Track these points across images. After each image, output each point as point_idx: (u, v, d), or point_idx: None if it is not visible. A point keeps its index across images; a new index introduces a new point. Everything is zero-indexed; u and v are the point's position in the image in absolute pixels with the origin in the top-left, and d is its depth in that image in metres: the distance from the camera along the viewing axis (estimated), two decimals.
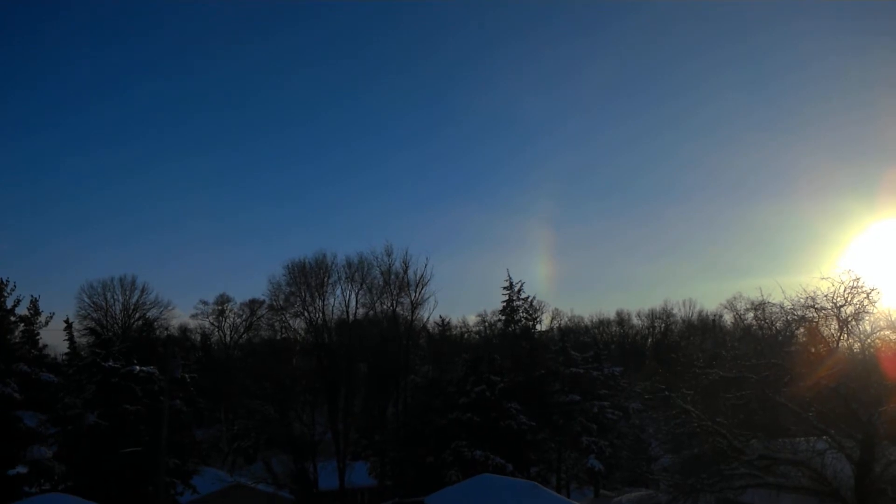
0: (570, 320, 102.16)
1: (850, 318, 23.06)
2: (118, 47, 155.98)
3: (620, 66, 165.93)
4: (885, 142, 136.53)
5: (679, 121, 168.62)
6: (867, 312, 23.07)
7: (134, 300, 76.48)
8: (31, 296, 34.73)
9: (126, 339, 54.98)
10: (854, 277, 22.73)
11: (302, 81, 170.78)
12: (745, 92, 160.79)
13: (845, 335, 23.56)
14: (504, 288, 49.74)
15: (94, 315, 72.77)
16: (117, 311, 75.23)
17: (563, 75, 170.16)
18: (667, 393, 25.51)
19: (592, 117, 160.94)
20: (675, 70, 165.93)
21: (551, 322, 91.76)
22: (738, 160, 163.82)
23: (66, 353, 42.72)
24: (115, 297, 75.30)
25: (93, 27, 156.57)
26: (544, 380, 46.59)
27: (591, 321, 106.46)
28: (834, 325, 23.62)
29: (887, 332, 23.75)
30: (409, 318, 58.46)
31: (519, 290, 49.57)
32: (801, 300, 23.72)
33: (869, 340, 23.55)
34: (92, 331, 59.12)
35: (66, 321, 41.46)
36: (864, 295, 22.63)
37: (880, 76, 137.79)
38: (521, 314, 50.05)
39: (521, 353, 48.21)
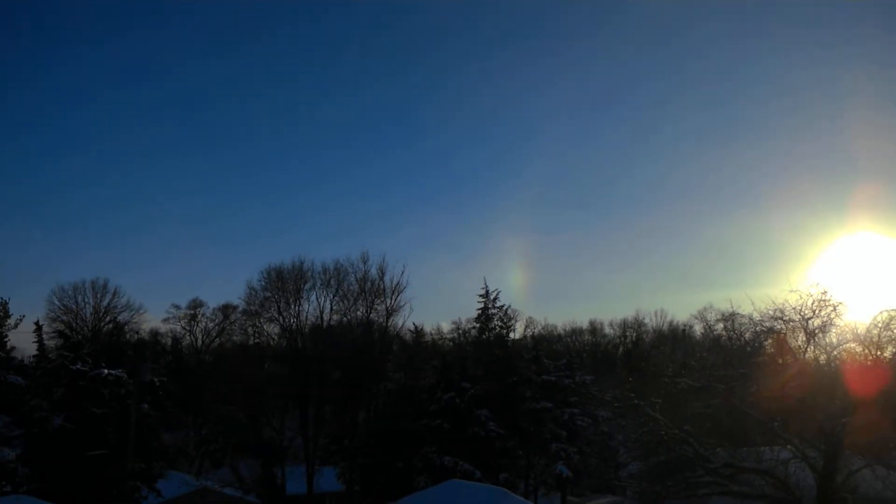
0: (543, 329, 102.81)
1: (817, 331, 23.52)
2: (87, 51, 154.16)
3: (593, 79, 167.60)
4: (854, 156, 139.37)
5: (651, 133, 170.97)
6: (834, 325, 23.56)
7: (105, 303, 75.65)
8: (1, 298, 34.21)
9: (96, 343, 54.33)
10: (822, 290, 23.22)
11: (278, 86, 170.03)
12: (715, 105, 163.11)
13: (812, 347, 24.02)
14: (480, 296, 49.85)
15: (65, 318, 71.86)
16: (88, 315, 74.36)
17: (538, 87, 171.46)
18: (636, 401, 25.73)
19: (566, 128, 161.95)
20: (647, 84, 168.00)
21: (525, 330, 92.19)
22: (709, 173, 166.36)
23: (34, 356, 42.02)
24: (87, 300, 74.46)
25: (62, 31, 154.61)
26: (516, 387, 46.71)
27: (564, 330, 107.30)
28: (801, 336, 24.07)
29: (853, 345, 24.25)
30: (383, 324, 58.39)
31: (494, 299, 49.71)
32: (770, 312, 24.17)
33: (835, 352, 24.03)
34: (61, 333, 58.29)
35: (36, 323, 40.84)
36: (832, 308, 23.11)
37: (851, 90, 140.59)
38: (495, 322, 50.15)
39: (494, 360, 48.27)
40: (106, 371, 33.81)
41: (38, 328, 40.93)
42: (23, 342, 43.98)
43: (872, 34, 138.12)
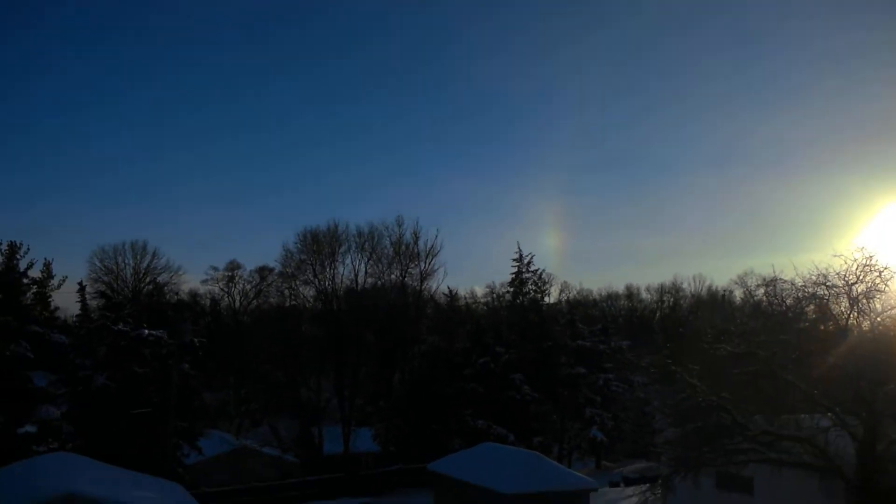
0: (578, 293, 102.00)
1: (860, 297, 22.87)
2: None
3: (629, 32, 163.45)
4: None
5: (692, 93, 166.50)
6: (879, 291, 22.86)
7: (145, 265, 76.97)
8: (45, 259, 34.95)
9: (136, 303, 55.46)
10: (867, 255, 22.49)
11: (315, 37, 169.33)
12: (758, 65, 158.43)
13: (855, 313, 23.39)
14: (514, 260, 49.73)
15: (106, 279, 73.28)
16: (128, 276, 75.75)
17: (571, 39, 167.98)
18: (673, 368, 25.42)
19: (600, 86, 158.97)
20: (688, 40, 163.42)
21: (559, 295, 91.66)
22: (752, 136, 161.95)
23: (77, 316, 43.02)
24: (127, 261, 75.78)
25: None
26: (551, 352, 46.70)
27: (600, 295, 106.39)
28: (844, 303, 23.44)
29: None
30: (417, 287, 58.64)
31: (528, 263, 49.52)
32: (813, 277, 23.52)
33: (879, 319, 23.37)
34: (102, 294, 59.64)
35: (80, 283, 41.74)
36: (877, 273, 22.41)
37: None
38: (529, 286, 50.05)
39: (528, 325, 48.24)
40: (147, 331, 34.44)
41: (82, 288, 41.85)
42: (65, 302, 45.13)
43: None
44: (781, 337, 23.60)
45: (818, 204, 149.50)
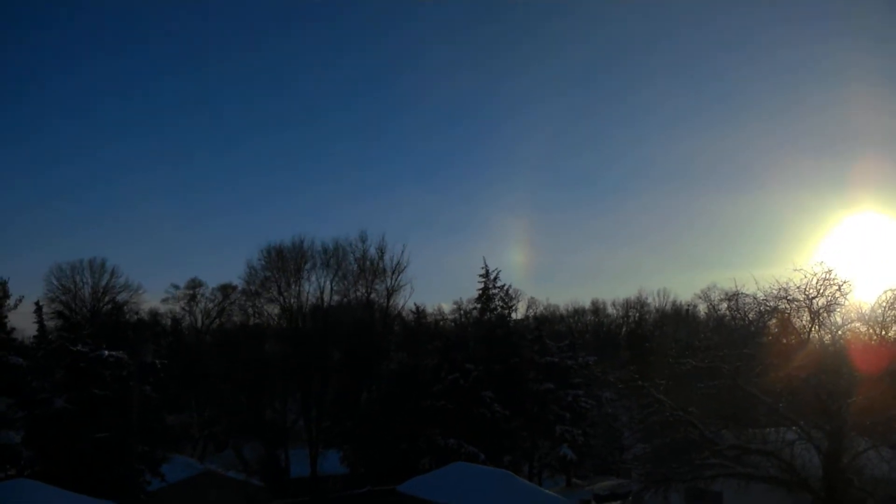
0: (545, 309, 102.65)
1: (821, 310, 23.28)
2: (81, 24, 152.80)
3: (594, 52, 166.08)
4: (856, 135, 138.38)
5: (649, 111, 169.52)
6: (838, 304, 23.30)
7: (103, 283, 75.30)
8: (0, 278, 34.05)
9: (95, 323, 54.17)
10: (826, 270, 22.94)
11: (270, 63, 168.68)
12: (716, 83, 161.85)
13: (817, 327, 23.78)
14: (480, 276, 49.66)
15: (63, 298, 71.49)
16: (86, 295, 73.98)
17: (532, 62, 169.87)
18: (640, 382, 25.57)
19: (563, 105, 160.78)
20: (644, 61, 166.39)
21: (527, 310, 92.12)
22: (708, 151, 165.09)
23: (35, 337, 41.89)
24: (85, 279, 74.04)
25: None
26: (519, 368, 46.65)
27: (567, 310, 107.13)
28: (806, 316, 23.82)
29: (858, 325, 24.04)
30: (384, 304, 58.33)
31: (495, 279, 49.52)
32: (774, 291, 23.91)
33: (840, 332, 23.81)
34: (60, 314, 58.16)
35: (37, 304, 40.69)
36: (836, 287, 22.84)
37: (852, 68, 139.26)
38: (496, 302, 50.01)
39: (496, 341, 48.17)
40: (107, 352, 33.62)
41: (38, 309, 40.82)
42: (22, 322, 43.80)
43: (871, 7, 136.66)
44: (745, 351, 23.91)
45: (776, 218, 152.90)
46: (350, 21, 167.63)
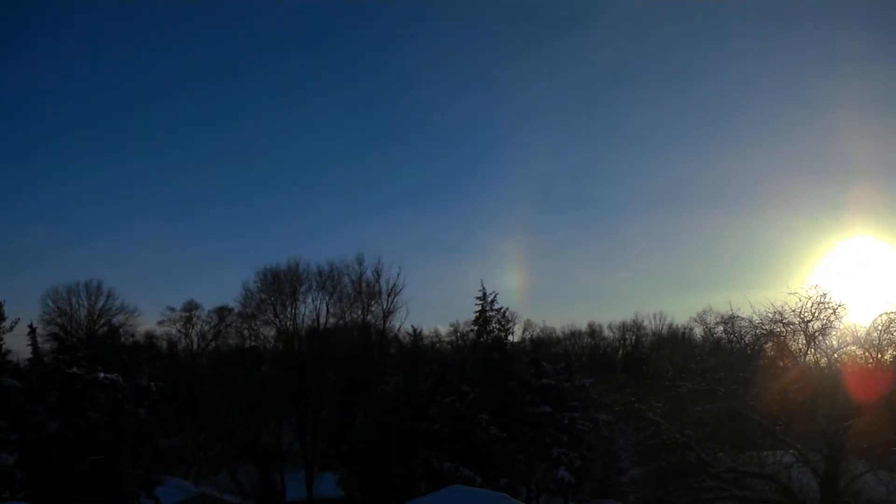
0: (541, 331, 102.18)
1: (816, 333, 23.39)
2: (70, 42, 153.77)
3: (585, 78, 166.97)
4: (850, 158, 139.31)
5: (646, 134, 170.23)
6: (834, 327, 23.43)
7: (99, 306, 75.12)
8: None
9: (91, 346, 53.97)
10: (821, 293, 23.09)
11: (269, 84, 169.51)
12: (710, 106, 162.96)
13: (812, 350, 23.90)
14: (477, 298, 49.63)
15: (59, 320, 71.21)
16: (82, 317, 73.73)
17: (531, 83, 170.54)
18: (636, 405, 25.59)
19: (560, 129, 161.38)
20: (639, 85, 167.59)
21: (523, 333, 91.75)
22: (704, 175, 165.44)
23: (29, 359, 41.75)
24: (81, 302, 73.83)
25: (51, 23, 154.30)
26: (516, 391, 46.53)
27: (563, 332, 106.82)
28: (801, 339, 23.94)
29: (853, 348, 24.15)
30: (380, 327, 58.26)
31: (492, 301, 49.51)
32: (769, 315, 24.04)
33: (835, 355, 23.91)
34: (56, 336, 57.95)
35: (30, 326, 40.58)
36: (831, 310, 22.99)
37: (845, 90, 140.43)
38: (493, 325, 49.96)
39: (492, 363, 48.09)
40: (102, 375, 33.60)
41: (32, 331, 40.69)
42: (17, 345, 43.63)
43: (865, 32, 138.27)
44: (741, 374, 24.00)
45: (771, 242, 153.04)
46: (347, 47, 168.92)
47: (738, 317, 26.43)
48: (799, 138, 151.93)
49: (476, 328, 50.85)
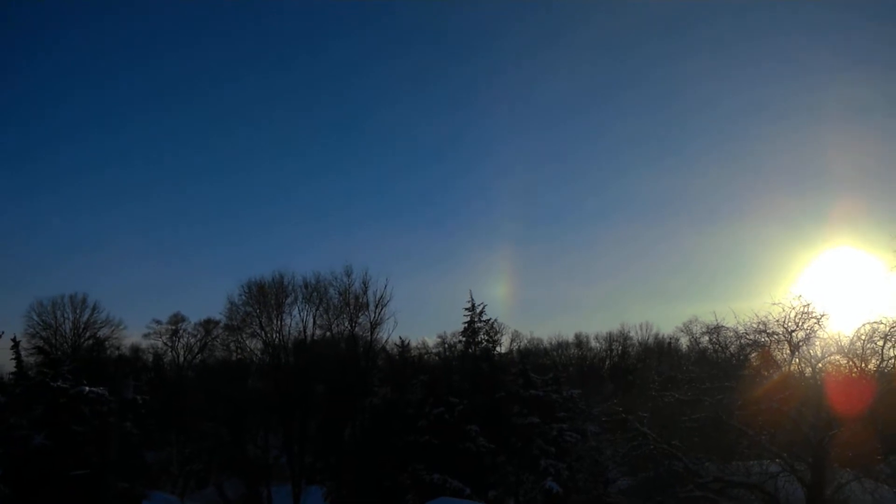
0: (529, 342, 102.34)
1: (801, 343, 23.66)
2: (51, 45, 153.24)
3: (577, 84, 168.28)
4: (834, 169, 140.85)
5: (635, 144, 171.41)
6: (817, 337, 23.70)
7: (85, 319, 74.70)
8: None
9: (76, 359, 53.57)
10: (804, 303, 23.38)
11: (260, 87, 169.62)
12: (695, 117, 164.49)
13: (797, 359, 24.14)
14: (466, 309, 49.60)
15: (44, 334, 70.78)
16: (67, 330, 73.27)
17: (512, 96, 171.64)
18: (623, 416, 25.71)
19: (543, 140, 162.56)
20: (620, 96, 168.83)
21: (511, 344, 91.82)
22: (688, 186, 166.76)
23: (13, 373, 41.38)
24: (66, 315, 73.39)
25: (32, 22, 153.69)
26: (504, 402, 46.48)
27: (550, 343, 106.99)
28: (786, 349, 24.20)
29: (837, 357, 24.43)
30: (367, 338, 58.13)
31: (481, 312, 49.49)
32: (754, 325, 24.31)
33: (820, 365, 24.15)
34: (40, 350, 57.49)
35: (13, 339, 40.26)
36: (815, 320, 23.27)
37: (830, 102, 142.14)
38: (482, 336, 49.90)
39: (480, 374, 48.06)
40: (87, 388, 33.30)
41: (16, 344, 40.34)
42: (1, 359, 43.36)
43: (849, 43, 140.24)
44: (726, 384, 24.19)
45: (754, 252, 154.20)
46: (332, 58, 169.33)
47: (723, 327, 26.73)
48: (782, 149, 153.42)
49: (464, 339, 50.80)
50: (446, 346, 76.35)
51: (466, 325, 49.92)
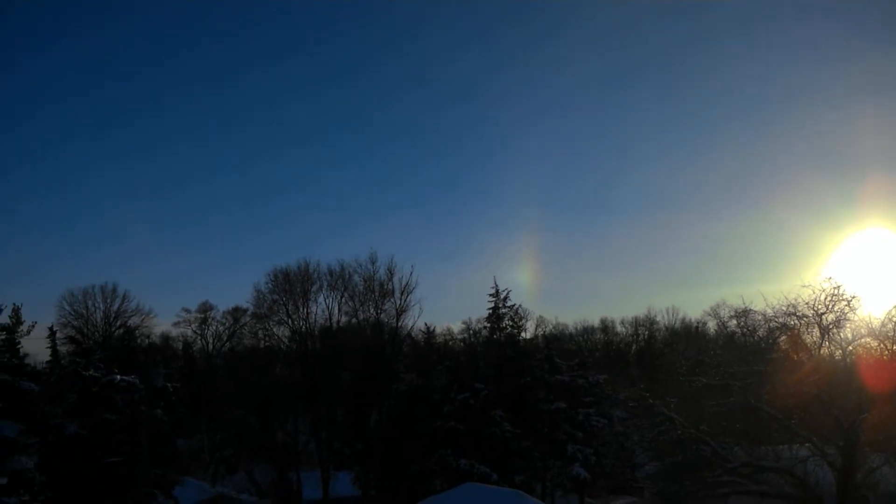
0: (554, 328, 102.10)
1: (831, 326, 23.30)
2: (84, 45, 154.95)
3: (603, 69, 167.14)
4: (866, 150, 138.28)
5: (661, 129, 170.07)
6: (848, 320, 23.32)
7: (115, 308, 75.79)
8: (14, 304, 34.19)
9: (107, 348, 54.46)
10: (835, 285, 23.03)
11: (280, 83, 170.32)
12: (726, 100, 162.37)
13: (827, 342, 23.80)
14: (490, 295, 49.59)
15: (75, 323, 71.99)
16: (98, 320, 74.46)
17: (542, 81, 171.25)
18: (650, 401, 25.55)
19: (572, 125, 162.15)
20: (657, 76, 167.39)
21: (536, 330, 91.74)
22: (721, 169, 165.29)
23: (47, 362, 42.14)
24: (97, 305, 74.56)
25: (60, 23, 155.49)
26: (529, 388, 46.48)
27: (576, 329, 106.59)
28: (815, 332, 23.87)
29: (868, 340, 24.02)
30: (393, 325, 58.30)
31: (505, 298, 49.44)
32: (783, 308, 23.99)
33: (850, 348, 23.79)
34: (72, 339, 58.56)
35: (50, 329, 40.98)
36: (845, 302, 22.91)
37: (861, 85, 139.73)
38: (506, 322, 49.87)
39: (506, 360, 48.07)
40: (118, 377, 33.76)
41: (52, 334, 41.08)
42: (34, 348, 44.02)
43: (877, 27, 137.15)
44: (755, 368, 23.91)
45: (783, 235, 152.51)
46: (356, 49, 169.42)
47: (751, 310, 26.40)
48: (811, 133, 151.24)
49: (489, 325, 50.81)
50: (471, 332, 76.45)
51: (491, 310, 49.90)
